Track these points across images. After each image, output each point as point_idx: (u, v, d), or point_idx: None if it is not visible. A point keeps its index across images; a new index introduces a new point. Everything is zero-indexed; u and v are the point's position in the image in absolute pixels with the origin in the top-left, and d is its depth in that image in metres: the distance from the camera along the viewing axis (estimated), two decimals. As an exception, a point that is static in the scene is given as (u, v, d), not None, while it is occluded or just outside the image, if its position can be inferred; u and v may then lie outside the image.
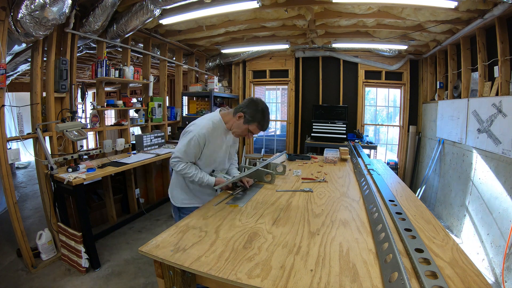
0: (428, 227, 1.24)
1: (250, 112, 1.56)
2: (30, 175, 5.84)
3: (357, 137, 4.84)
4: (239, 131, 1.64)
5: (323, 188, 1.85)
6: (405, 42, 4.02)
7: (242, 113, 1.58)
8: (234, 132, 1.68)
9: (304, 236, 1.15)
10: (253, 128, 1.59)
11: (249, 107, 1.57)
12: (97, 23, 2.76)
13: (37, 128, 2.49)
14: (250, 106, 1.57)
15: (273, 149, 6.11)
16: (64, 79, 2.72)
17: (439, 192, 3.94)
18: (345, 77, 5.06)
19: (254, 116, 1.56)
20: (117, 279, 2.37)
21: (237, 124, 1.62)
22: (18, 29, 2.17)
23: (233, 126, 1.65)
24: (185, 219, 1.32)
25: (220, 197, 1.64)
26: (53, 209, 2.64)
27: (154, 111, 4.02)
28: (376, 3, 2.92)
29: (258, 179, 1.98)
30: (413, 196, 1.72)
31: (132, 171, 3.71)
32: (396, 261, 0.85)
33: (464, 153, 3.27)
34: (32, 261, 2.44)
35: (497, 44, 2.64)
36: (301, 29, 3.88)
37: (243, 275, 0.88)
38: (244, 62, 5.60)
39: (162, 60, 4.32)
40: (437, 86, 4.15)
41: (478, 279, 0.85)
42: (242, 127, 1.60)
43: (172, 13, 3.07)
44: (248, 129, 1.59)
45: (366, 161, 2.57)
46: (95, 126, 3.23)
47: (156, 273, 1.07)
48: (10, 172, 2.35)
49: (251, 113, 1.56)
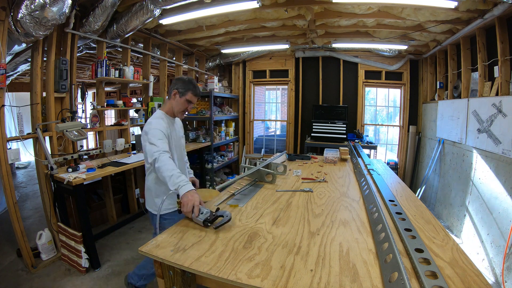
0: (428, 227, 1.24)
1: (181, 86, 1.71)
2: (30, 175, 5.84)
3: (357, 137, 4.84)
4: (180, 107, 1.74)
5: (323, 188, 1.85)
6: (405, 42, 4.02)
7: (175, 89, 1.72)
8: (177, 112, 1.77)
9: (304, 236, 1.15)
10: (189, 97, 1.72)
11: (177, 83, 1.73)
12: (97, 23, 2.76)
13: (37, 128, 2.49)
14: (179, 82, 1.73)
15: (273, 149, 6.12)
16: (64, 79, 2.72)
17: (439, 192, 3.94)
18: (345, 77, 5.06)
19: (186, 87, 1.71)
20: (117, 279, 2.37)
21: (176, 102, 1.74)
22: (18, 29, 2.17)
23: (173, 106, 1.75)
24: (185, 219, 1.32)
25: (220, 198, 1.64)
26: (53, 209, 2.64)
27: (154, 111, 4.01)
28: (376, 3, 2.92)
29: (259, 179, 1.98)
30: (413, 196, 1.72)
31: (132, 171, 3.72)
32: (396, 261, 0.85)
33: (464, 153, 3.27)
34: (32, 261, 2.44)
35: (497, 44, 2.64)
36: (301, 29, 3.88)
37: (243, 275, 0.88)
38: (244, 62, 5.60)
39: (162, 60, 4.32)
40: (437, 86, 4.15)
41: (478, 279, 0.85)
42: (181, 101, 1.73)
43: (172, 13, 3.07)
44: (186, 99, 1.72)
45: (366, 161, 2.57)
46: (95, 126, 3.23)
47: (156, 273, 1.07)
48: (10, 172, 2.35)
49: (182, 86, 1.71)
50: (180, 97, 1.72)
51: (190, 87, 1.70)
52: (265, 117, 6.98)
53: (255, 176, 1.97)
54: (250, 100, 5.72)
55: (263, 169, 1.98)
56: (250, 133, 5.85)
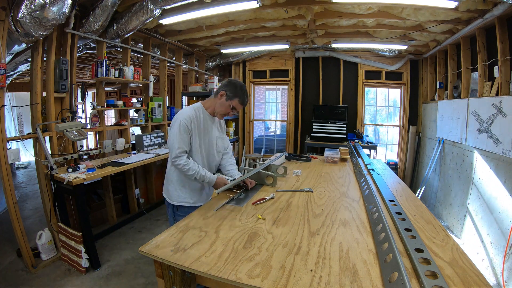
0: (428, 227, 1.24)
1: (231, 90, 1.68)
2: (30, 175, 5.84)
3: (357, 137, 4.84)
4: (222, 109, 1.72)
5: (323, 188, 1.85)
6: (405, 42, 4.02)
7: (224, 91, 1.69)
8: (217, 112, 1.74)
9: (304, 236, 1.15)
10: (235, 104, 1.69)
11: (229, 86, 1.69)
12: (97, 23, 2.76)
13: (37, 128, 2.49)
14: (230, 85, 1.69)
15: (273, 149, 6.11)
16: (64, 79, 2.72)
17: (439, 192, 3.94)
18: (345, 77, 5.06)
19: (235, 92, 1.67)
20: (117, 279, 2.37)
21: (220, 103, 1.71)
22: (18, 29, 2.17)
23: (216, 106, 1.73)
24: (185, 219, 1.32)
25: (222, 200, 1.60)
26: (53, 209, 2.64)
27: (154, 111, 4.02)
28: (376, 3, 2.92)
29: (259, 181, 1.94)
30: (413, 196, 1.72)
31: (132, 171, 3.72)
32: (396, 261, 0.85)
33: (464, 153, 3.27)
34: (32, 261, 2.44)
35: (497, 44, 2.64)
36: (301, 29, 3.88)
37: (243, 275, 0.88)
38: (244, 62, 5.60)
39: (162, 60, 4.32)
40: (437, 86, 4.15)
41: (478, 279, 0.85)
42: (225, 104, 1.70)
43: (172, 13, 3.07)
44: (231, 105, 1.69)
45: (366, 161, 2.57)
46: (95, 126, 3.23)
47: (156, 273, 1.07)
48: (10, 172, 2.35)
49: (232, 90, 1.68)
50: (226, 100, 1.68)
51: (239, 94, 1.67)
52: (265, 117, 6.99)
53: (255, 178, 1.92)
54: (250, 100, 5.72)
55: (263, 171, 1.94)
56: (250, 133, 5.85)
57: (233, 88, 1.67)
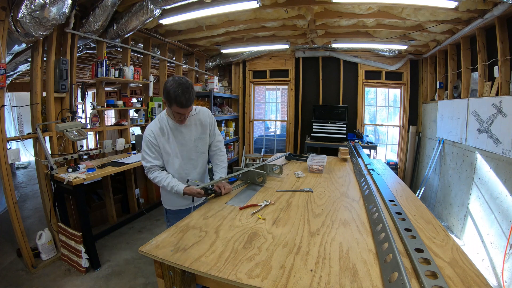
0: (428, 227, 1.23)
1: (165, 97, 1.52)
2: (30, 175, 5.84)
3: (357, 137, 4.84)
4: (173, 116, 1.60)
5: (323, 188, 1.85)
6: (405, 42, 4.02)
7: (164, 99, 1.55)
8: (174, 119, 1.63)
9: (304, 236, 1.15)
10: (175, 109, 1.52)
11: (164, 93, 1.53)
12: (97, 23, 2.76)
13: (37, 128, 2.49)
14: (164, 92, 1.52)
15: (273, 149, 6.11)
16: (64, 79, 2.72)
17: (439, 192, 3.94)
18: (345, 77, 5.06)
19: (168, 99, 1.50)
20: (117, 279, 2.37)
21: (168, 110, 1.62)
22: (18, 29, 2.17)
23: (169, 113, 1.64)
24: (185, 219, 1.32)
25: (223, 199, 1.63)
26: (53, 209, 2.64)
27: (154, 111, 4.02)
28: (376, 3, 2.92)
29: (251, 180, 1.95)
30: (413, 196, 1.72)
31: (132, 171, 3.71)
32: (396, 261, 0.85)
33: (464, 153, 3.27)
34: (32, 261, 2.44)
35: (497, 44, 2.64)
36: (301, 29, 3.88)
37: (243, 275, 0.88)
38: (244, 62, 5.60)
39: (162, 60, 4.32)
40: (437, 86, 4.15)
41: (478, 279, 0.85)
42: (171, 111, 1.57)
43: (172, 13, 3.07)
44: (174, 111, 1.54)
45: (366, 161, 2.57)
46: (95, 126, 3.23)
47: (156, 273, 1.07)
48: (10, 172, 2.35)
49: (166, 97, 1.51)
50: (169, 107, 1.56)
51: (172, 99, 1.48)
52: (265, 117, 6.98)
53: (247, 178, 1.92)
54: (250, 100, 5.72)
55: (254, 170, 1.93)
56: (250, 133, 5.85)
57: (166, 95, 1.50)
